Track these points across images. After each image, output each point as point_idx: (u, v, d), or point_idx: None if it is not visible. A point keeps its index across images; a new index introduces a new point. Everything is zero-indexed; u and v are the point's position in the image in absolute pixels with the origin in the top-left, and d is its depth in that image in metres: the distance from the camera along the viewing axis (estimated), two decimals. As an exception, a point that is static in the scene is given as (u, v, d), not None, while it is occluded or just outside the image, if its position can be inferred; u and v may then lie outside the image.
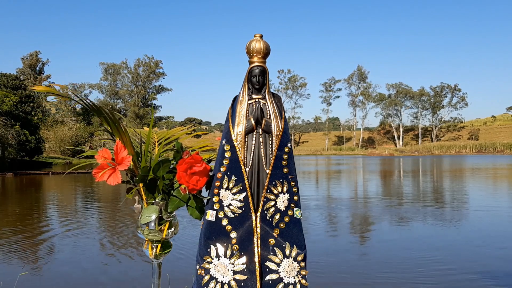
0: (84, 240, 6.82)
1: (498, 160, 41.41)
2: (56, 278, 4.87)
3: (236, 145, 1.77)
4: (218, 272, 1.71)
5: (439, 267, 5.04)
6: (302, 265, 1.75)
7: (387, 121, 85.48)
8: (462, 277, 4.69)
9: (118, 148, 1.61)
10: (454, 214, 9.02)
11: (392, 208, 10.00)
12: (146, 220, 1.74)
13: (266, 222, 1.74)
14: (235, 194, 1.74)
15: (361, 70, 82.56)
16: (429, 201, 11.28)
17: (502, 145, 65.29)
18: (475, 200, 11.66)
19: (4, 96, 30.95)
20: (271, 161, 1.77)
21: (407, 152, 68.70)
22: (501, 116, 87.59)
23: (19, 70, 60.34)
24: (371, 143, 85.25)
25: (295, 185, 1.81)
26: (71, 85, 74.08)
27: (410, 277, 4.70)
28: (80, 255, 5.85)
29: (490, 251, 5.83)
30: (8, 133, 27.91)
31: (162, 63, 73.10)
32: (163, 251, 1.81)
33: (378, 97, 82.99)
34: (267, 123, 1.79)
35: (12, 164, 27.45)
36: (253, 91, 1.84)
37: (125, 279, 4.80)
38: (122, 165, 1.60)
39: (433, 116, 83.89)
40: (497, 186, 16.06)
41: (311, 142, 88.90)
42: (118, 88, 72.32)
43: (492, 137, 75.74)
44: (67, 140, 45.68)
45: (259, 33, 1.85)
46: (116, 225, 8.19)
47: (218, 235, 1.74)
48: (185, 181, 1.63)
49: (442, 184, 16.73)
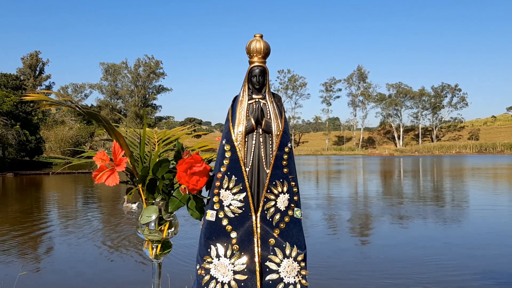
0: (84, 240, 6.82)
1: (498, 160, 41.39)
2: (56, 278, 4.87)
3: (236, 145, 1.77)
4: (218, 272, 1.71)
5: (442, 266, 5.04)
6: (302, 265, 1.75)
7: (387, 121, 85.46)
8: (466, 277, 4.69)
9: (116, 149, 1.62)
10: (455, 213, 9.02)
11: (393, 207, 9.99)
12: (146, 220, 1.74)
13: (266, 222, 1.74)
14: (235, 194, 1.74)
15: (361, 70, 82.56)
16: (430, 201, 11.28)
17: (502, 145, 65.25)
18: (475, 199, 11.66)
19: (4, 96, 30.95)
20: (271, 161, 1.77)
21: (407, 152, 68.67)
22: (501, 116, 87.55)
23: (19, 70, 60.37)
24: (371, 143, 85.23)
25: (295, 185, 1.81)
26: (72, 85, 74.17)
27: (410, 277, 4.70)
28: (79, 255, 5.85)
29: (492, 250, 5.82)
30: (8, 133, 27.90)
31: (162, 63, 73.11)
32: (163, 251, 1.81)
33: (378, 97, 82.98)
34: (267, 123, 1.79)
35: (12, 164, 27.44)
36: (253, 91, 1.84)
37: (125, 279, 4.80)
38: (120, 166, 1.61)
39: (433, 116, 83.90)
40: (498, 186, 16.06)
41: (311, 142, 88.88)
42: (118, 88, 72.31)
43: (492, 137, 75.71)
44: (67, 140, 45.67)
45: (259, 33, 1.85)
46: (115, 225, 8.19)
47: (218, 235, 1.74)
48: (185, 181, 1.63)
49: (443, 184, 16.73)
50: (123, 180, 1.75)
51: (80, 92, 74.47)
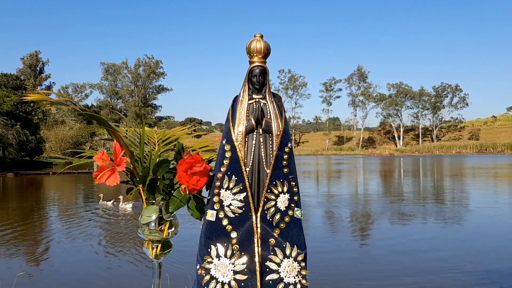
0: (83, 240, 6.82)
1: (498, 160, 41.38)
2: (54, 278, 4.87)
3: (236, 145, 1.77)
4: (218, 272, 1.71)
5: (442, 266, 5.04)
6: (303, 265, 1.75)
7: (388, 121, 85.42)
8: (466, 277, 4.69)
9: (116, 149, 1.62)
10: (457, 213, 9.02)
11: (393, 206, 9.99)
12: (146, 220, 1.74)
13: (267, 222, 1.74)
14: (235, 194, 1.74)
15: (361, 70, 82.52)
16: (430, 200, 11.28)
17: (502, 145, 65.22)
18: (475, 198, 11.66)
19: (4, 96, 30.95)
20: (271, 161, 1.77)
21: (408, 152, 68.65)
22: (502, 116, 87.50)
23: (19, 70, 60.35)
24: (371, 143, 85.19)
25: (295, 185, 1.81)
26: (72, 85, 74.12)
27: (411, 277, 4.69)
28: (78, 255, 5.85)
29: (495, 249, 5.82)
30: (8, 133, 27.91)
31: (162, 63, 73.02)
32: (163, 251, 1.81)
33: (378, 97, 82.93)
34: (268, 123, 1.79)
35: (12, 164, 27.44)
36: (253, 91, 1.84)
37: (124, 279, 4.80)
38: (120, 166, 1.61)
39: (434, 116, 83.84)
40: (498, 185, 16.05)
41: (312, 142, 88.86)
42: (118, 88, 72.27)
43: (492, 137, 75.64)
44: (67, 140, 45.66)
45: (259, 33, 1.85)
46: (115, 225, 8.19)
47: (218, 235, 1.73)
48: (186, 181, 1.63)
49: (443, 183, 16.72)
50: (124, 180, 1.75)
51: (81, 92, 74.49)
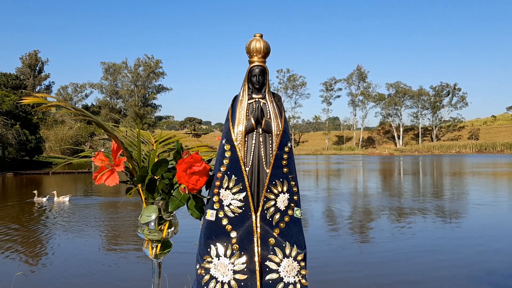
0: (82, 239, 6.81)
1: (498, 159, 41.41)
2: (53, 278, 4.86)
3: (236, 144, 1.76)
4: (218, 271, 1.71)
5: (442, 266, 5.04)
6: (302, 264, 1.75)
7: (387, 121, 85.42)
8: (466, 277, 4.69)
9: (114, 149, 1.62)
10: (457, 213, 9.02)
11: (392, 205, 10.00)
12: (146, 220, 1.74)
13: (266, 221, 1.74)
14: (235, 193, 1.74)
15: (361, 70, 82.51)
16: (431, 200, 11.28)
17: (502, 144, 65.24)
18: (474, 197, 11.66)
19: (4, 95, 30.93)
20: (271, 161, 1.77)
21: (407, 152, 68.67)
22: (501, 116, 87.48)
23: (19, 70, 60.32)
24: (371, 142, 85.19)
25: (295, 184, 1.81)
26: (72, 85, 74.12)
27: (410, 277, 4.70)
28: (77, 255, 5.85)
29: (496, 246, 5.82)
30: (8, 133, 27.89)
31: (162, 62, 72.91)
32: (163, 250, 1.81)
33: (378, 97, 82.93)
34: (267, 123, 1.79)
35: (12, 163, 27.43)
36: (253, 90, 1.84)
37: (124, 279, 4.80)
38: (119, 167, 1.61)
39: (433, 115, 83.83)
40: (498, 184, 16.06)
41: (311, 142, 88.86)
42: (118, 87, 72.22)
43: (492, 136, 75.65)
44: (67, 140, 45.70)
45: (259, 33, 1.85)
46: (114, 225, 8.19)
47: (218, 235, 1.73)
48: (185, 180, 1.63)
49: (443, 182, 16.74)
50: (123, 180, 1.76)
51: (81, 92, 74.50)
